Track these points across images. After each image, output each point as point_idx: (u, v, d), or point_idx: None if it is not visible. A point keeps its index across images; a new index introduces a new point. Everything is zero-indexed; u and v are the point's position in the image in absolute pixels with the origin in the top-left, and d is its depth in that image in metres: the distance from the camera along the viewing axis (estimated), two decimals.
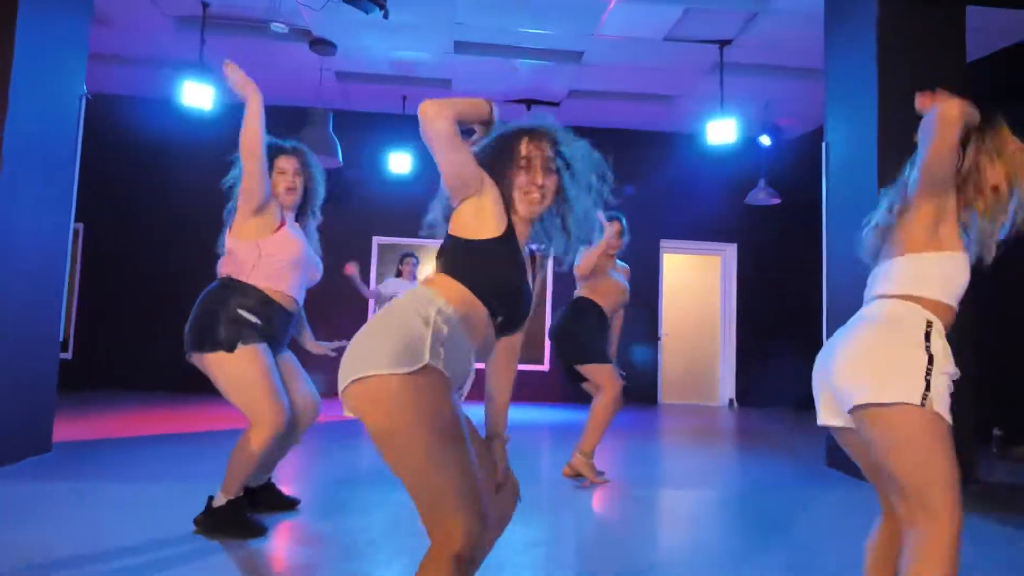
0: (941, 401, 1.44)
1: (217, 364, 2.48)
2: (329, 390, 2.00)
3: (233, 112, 8.38)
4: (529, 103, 7.61)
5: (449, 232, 1.48)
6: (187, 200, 7.51)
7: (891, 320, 1.51)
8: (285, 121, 7.29)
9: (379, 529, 2.70)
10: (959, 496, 1.42)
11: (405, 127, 7.72)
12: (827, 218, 4.57)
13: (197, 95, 5.32)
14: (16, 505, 2.79)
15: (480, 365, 1.51)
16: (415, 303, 1.35)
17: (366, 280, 7.25)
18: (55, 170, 3.78)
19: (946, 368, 1.47)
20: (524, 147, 1.50)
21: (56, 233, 3.82)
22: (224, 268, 2.64)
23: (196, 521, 2.51)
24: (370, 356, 1.27)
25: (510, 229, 1.46)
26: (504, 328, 1.48)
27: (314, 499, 3.08)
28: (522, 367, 7.84)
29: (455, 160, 1.41)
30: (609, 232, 3.81)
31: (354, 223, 7.66)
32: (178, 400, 6.57)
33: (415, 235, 1.93)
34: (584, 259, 3.73)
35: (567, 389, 7.88)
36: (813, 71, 6.07)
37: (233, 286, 2.56)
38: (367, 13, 4.85)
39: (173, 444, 4.37)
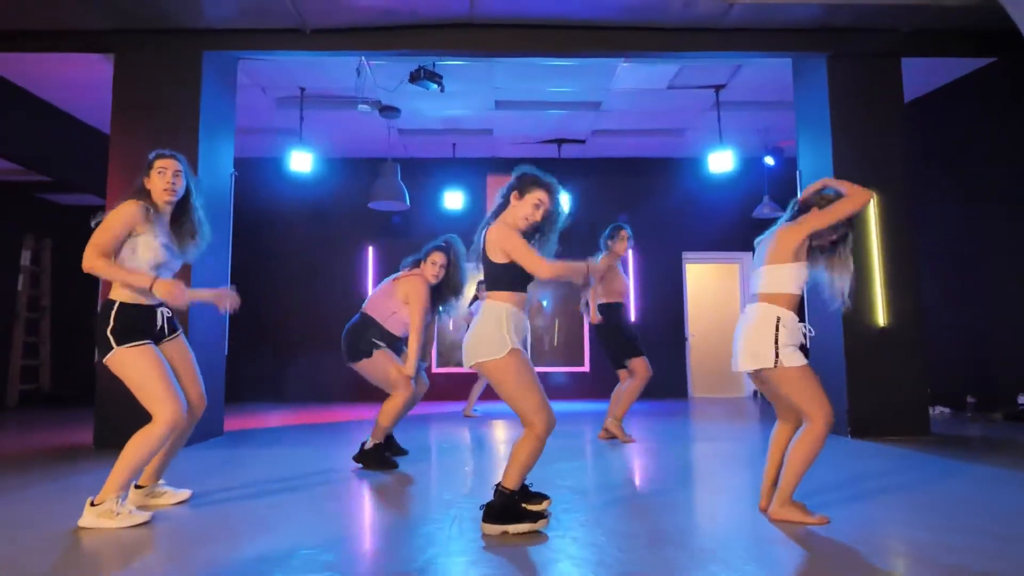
0: (791, 359, 2.59)
1: (363, 367, 3.83)
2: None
3: (324, 166, 9.78)
4: (560, 142, 8.91)
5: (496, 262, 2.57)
6: (289, 242, 9.09)
7: (759, 320, 2.64)
8: (363, 169, 8.88)
9: (474, 467, 3.96)
10: (826, 404, 2.58)
11: (455, 169, 9.13)
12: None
13: (300, 161, 6.80)
14: (202, 463, 4.15)
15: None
16: (495, 312, 2.57)
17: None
18: (218, 231, 5.21)
19: (790, 342, 2.59)
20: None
21: (221, 272, 5.26)
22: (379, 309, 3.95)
23: (354, 458, 3.83)
24: (485, 347, 2.53)
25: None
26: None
27: (419, 455, 4.38)
28: (565, 369, 9.04)
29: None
30: (615, 241, 4.87)
31: (415, 253, 9.07)
32: (287, 406, 8.01)
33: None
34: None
35: (605, 386, 9.05)
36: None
37: (370, 322, 3.90)
38: (428, 90, 6.23)
39: (308, 431, 5.75)
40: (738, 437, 5.21)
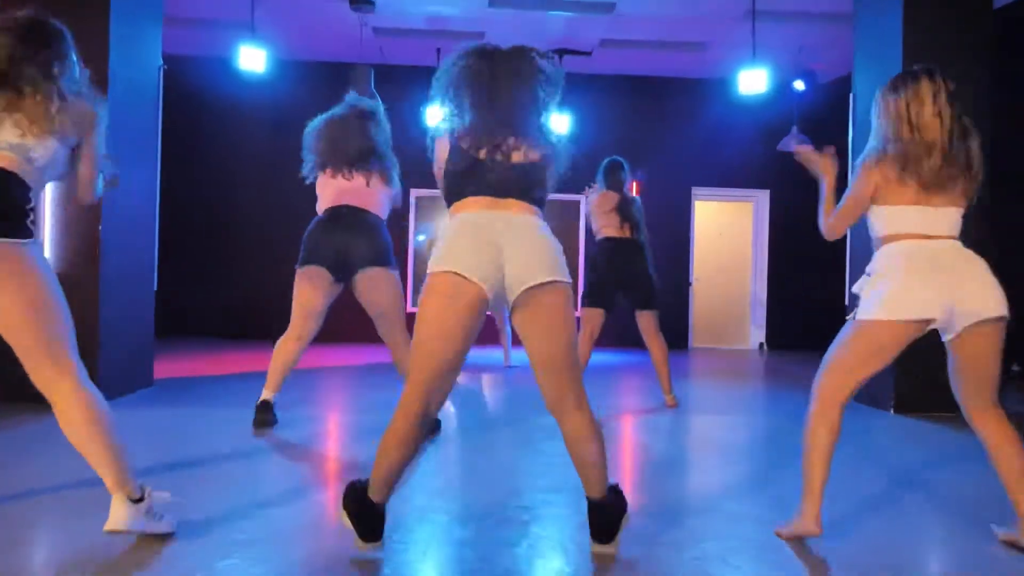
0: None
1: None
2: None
3: (283, 70, 8.41)
4: (562, 53, 7.75)
5: None
6: (242, 153, 8.00)
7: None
8: (328, 75, 7.66)
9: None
10: None
11: None
12: (851, 168, 4.77)
13: (251, 59, 5.67)
14: (129, 427, 3.33)
15: None
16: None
17: (404, 232, 7.89)
18: (142, 134, 4.22)
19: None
20: None
21: (146, 191, 4.30)
22: None
23: None
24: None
25: None
26: None
27: None
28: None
29: None
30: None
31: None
32: (242, 343, 7.19)
33: None
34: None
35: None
36: (845, 16, 6.10)
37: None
38: None
39: (256, 379, 4.93)
40: (749, 409, 4.49)
